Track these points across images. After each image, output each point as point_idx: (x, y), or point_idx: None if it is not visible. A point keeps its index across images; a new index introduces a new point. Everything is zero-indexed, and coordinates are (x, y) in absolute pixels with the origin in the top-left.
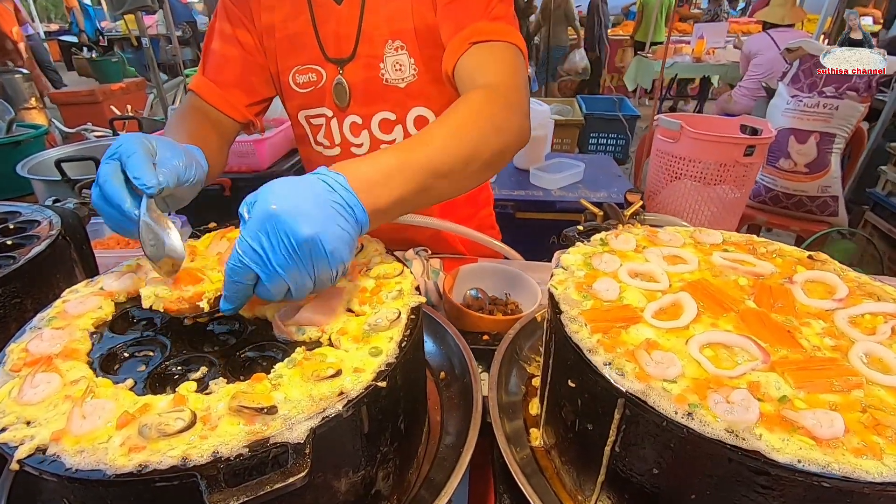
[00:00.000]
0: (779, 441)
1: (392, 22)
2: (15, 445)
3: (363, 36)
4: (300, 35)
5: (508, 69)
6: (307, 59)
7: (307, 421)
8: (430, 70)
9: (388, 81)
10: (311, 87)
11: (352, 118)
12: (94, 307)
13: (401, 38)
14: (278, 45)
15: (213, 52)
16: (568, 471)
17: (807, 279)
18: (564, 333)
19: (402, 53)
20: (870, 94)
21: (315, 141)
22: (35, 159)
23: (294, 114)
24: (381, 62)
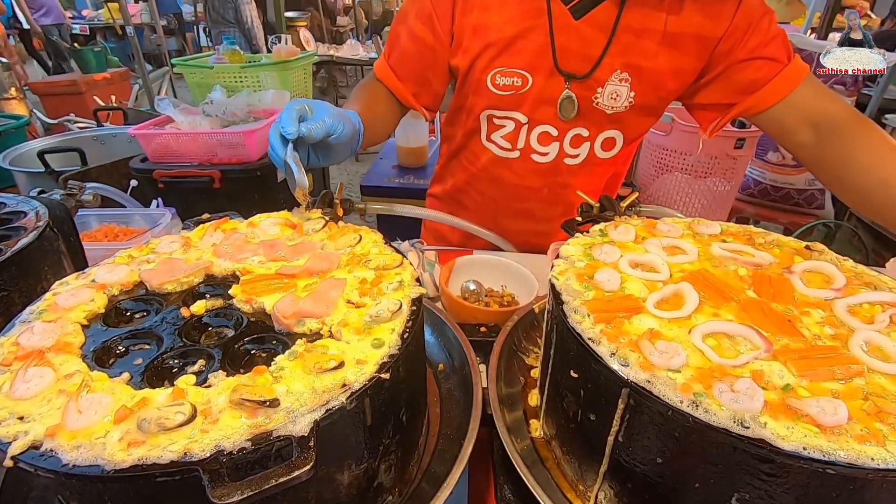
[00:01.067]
0: (784, 429)
1: (629, 55)
2: (8, 441)
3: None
4: (524, 39)
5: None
6: (521, 64)
7: (310, 413)
8: (644, 102)
9: (598, 105)
10: (512, 91)
11: (544, 128)
12: (87, 300)
13: (629, 72)
14: (490, 44)
15: (399, 42)
16: (569, 461)
17: (805, 269)
18: (567, 324)
19: (625, 85)
20: (856, 88)
21: (488, 138)
22: (17, 150)
23: (476, 111)
24: (601, 87)
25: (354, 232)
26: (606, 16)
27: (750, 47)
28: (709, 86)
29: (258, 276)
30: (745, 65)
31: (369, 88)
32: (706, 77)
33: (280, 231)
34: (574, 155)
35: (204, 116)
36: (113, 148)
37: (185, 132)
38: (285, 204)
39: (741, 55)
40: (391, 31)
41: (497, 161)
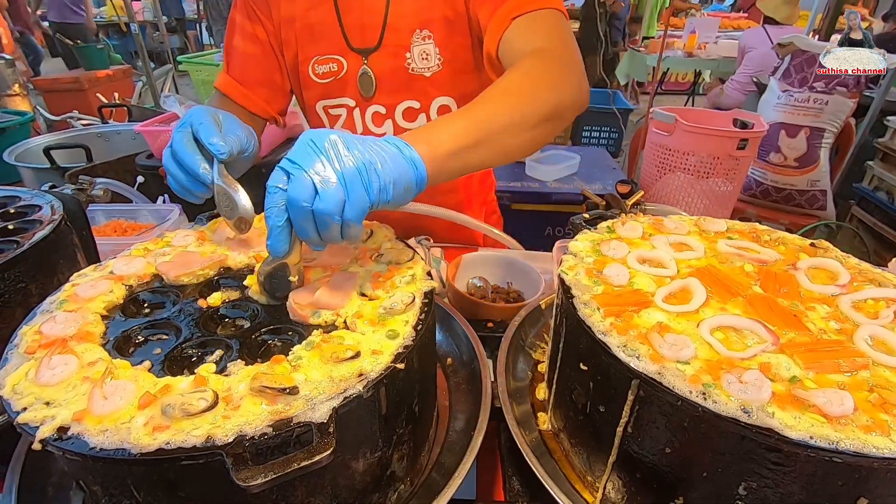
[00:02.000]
0: (791, 419)
1: (420, 11)
2: (36, 425)
3: (389, 25)
4: (322, 24)
5: (554, 32)
6: (329, 49)
7: (329, 401)
8: (455, 60)
9: (413, 71)
10: (332, 77)
11: (375, 108)
12: (106, 291)
13: (428, 28)
14: (298, 35)
15: (236, 50)
16: (577, 452)
17: (810, 266)
18: (577, 317)
19: (429, 43)
20: (859, 89)
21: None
22: (22, 146)
23: (311, 105)
24: (408, 52)
25: (366, 227)
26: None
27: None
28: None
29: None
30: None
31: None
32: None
33: None
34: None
35: None
36: (117, 145)
37: None
38: None
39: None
40: (225, 46)
41: None
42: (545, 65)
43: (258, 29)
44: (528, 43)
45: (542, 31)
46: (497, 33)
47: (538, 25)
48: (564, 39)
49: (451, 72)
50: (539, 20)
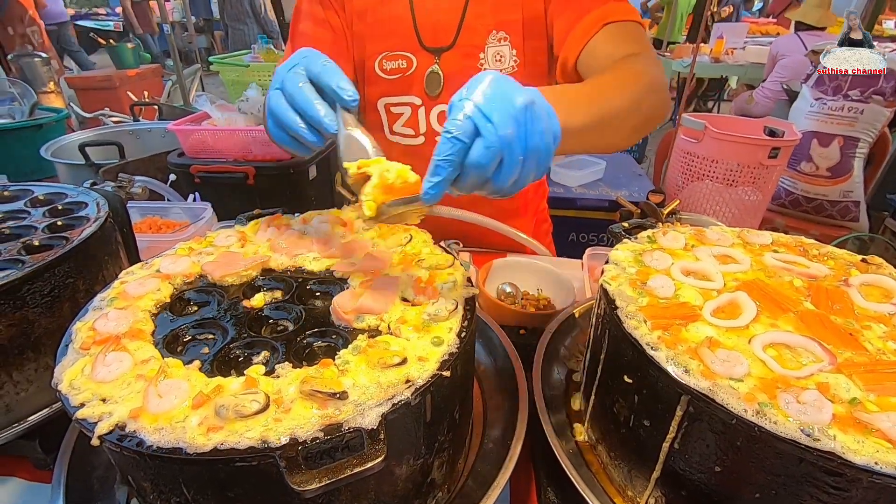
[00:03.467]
0: (854, 442)
1: (498, 12)
2: (94, 422)
3: (465, 25)
4: (394, 20)
5: (645, 43)
6: (399, 46)
7: (378, 407)
8: (529, 63)
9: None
10: (400, 74)
11: (441, 107)
12: (154, 289)
13: (505, 30)
14: (369, 29)
15: (304, 35)
16: (617, 466)
17: (862, 282)
18: (622, 329)
19: (505, 45)
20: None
21: (391, 130)
22: (58, 143)
23: (373, 101)
24: (482, 52)
25: (405, 231)
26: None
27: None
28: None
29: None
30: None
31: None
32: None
33: (331, 228)
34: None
35: (239, 114)
36: (148, 142)
37: (221, 129)
38: (315, 202)
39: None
40: (291, 33)
41: (407, 152)
42: (649, 68)
43: (331, 15)
44: (621, 49)
45: (633, 40)
46: (582, 40)
47: (629, 34)
48: (652, 50)
49: (524, 74)
50: (630, 30)
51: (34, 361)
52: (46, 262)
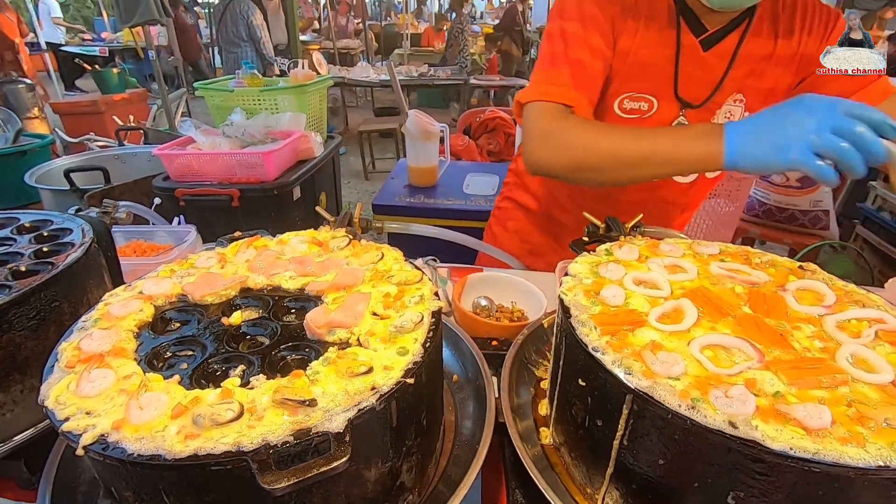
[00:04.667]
0: (773, 431)
1: (745, 78)
2: (79, 433)
3: (722, 87)
4: (656, 67)
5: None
6: (648, 89)
7: (345, 413)
8: None
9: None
10: (638, 115)
11: None
12: (136, 309)
13: (744, 93)
14: (624, 68)
15: (582, 64)
16: (577, 466)
17: (798, 287)
18: (575, 336)
19: (738, 106)
20: None
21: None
22: (43, 168)
23: None
24: (718, 108)
25: (377, 249)
26: (729, 45)
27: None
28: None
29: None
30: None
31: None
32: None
33: (308, 248)
34: (688, 182)
35: (224, 137)
36: (133, 166)
37: (206, 153)
38: (300, 222)
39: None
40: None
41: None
42: None
43: (608, 51)
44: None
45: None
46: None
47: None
48: None
49: None
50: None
51: (20, 383)
52: (33, 286)
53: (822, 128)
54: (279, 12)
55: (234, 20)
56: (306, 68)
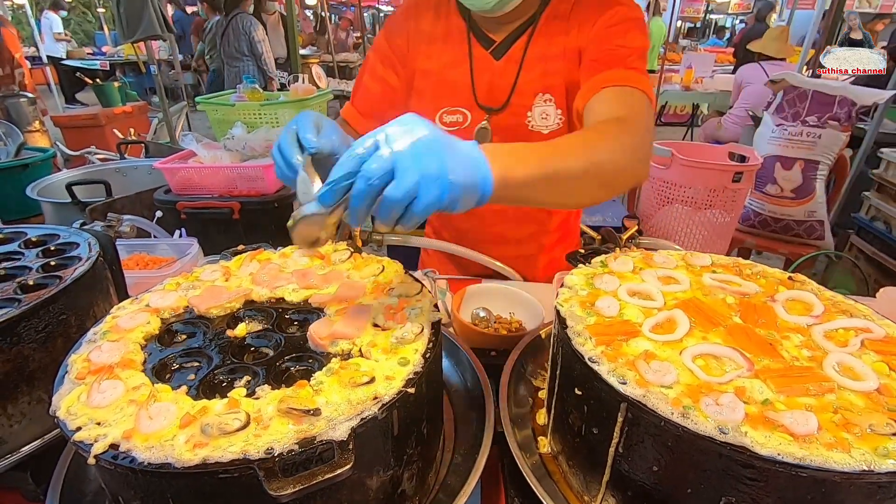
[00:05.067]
0: (762, 437)
1: (544, 77)
2: (90, 443)
3: (517, 89)
4: (457, 82)
5: (637, 110)
6: (458, 103)
7: (348, 422)
8: (572, 119)
9: (533, 128)
10: (457, 126)
11: None
12: (143, 322)
13: (550, 93)
14: (433, 87)
15: (363, 86)
16: (575, 474)
17: (787, 298)
18: (571, 346)
19: (550, 105)
20: (850, 123)
21: None
22: (45, 182)
23: None
24: (530, 111)
25: (377, 262)
26: (518, 51)
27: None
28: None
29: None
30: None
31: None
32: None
33: (310, 261)
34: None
35: (225, 151)
36: (134, 179)
37: (207, 166)
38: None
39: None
40: (356, 81)
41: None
42: (621, 134)
43: (389, 74)
44: (611, 111)
45: (626, 105)
46: (587, 95)
47: (624, 99)
48: (643, 118)
49: (567, 130)
50: (626, 95)
51: (28, 395)
52: (42, 300)
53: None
54: (279, 26)
55: (237, 36)
56: (306, 82)
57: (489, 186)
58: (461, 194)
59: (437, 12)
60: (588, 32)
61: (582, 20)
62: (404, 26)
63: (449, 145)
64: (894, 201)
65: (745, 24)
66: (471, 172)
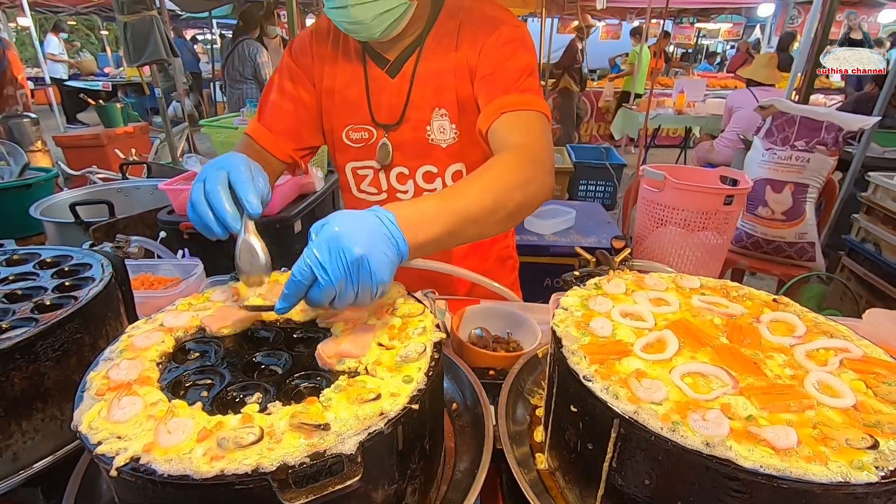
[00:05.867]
0: (745, 451)
1: (438, 94)
2: (112, 456)
3: (411, 105)
4: (356, 101)
5: (534, 133)
6: (360, 121)
7: (356, 436)
8: (467, 133)
9: (433, 141)
10: (363, 143)
11: (399, 169)
12: (158, 341)
13: (444, 107)
14: (336, 106)
15: (271, 103)
16: (571, 489)
17: (771, 319)
18: (567, 365)
19: (445, 119)
20: (837, 147)
21: (359, 189)
22: (48, 201)
23: (343, 165)
24: (428, 125)
25: None
26: (409, 69)
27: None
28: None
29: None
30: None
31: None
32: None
33: None
34: (431, 189)
35: None
36: (137, 199)
37: None
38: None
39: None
40: (261, 101)
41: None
42: (521, 162)
43: (301, 91)
44: (511, 137)
45: (524, 130)
46: (488, 120)
47: (522, 123)
48: (542, 140)
49: (464, 143)
50: (524, 119)
51: (42, 412)
52: (58, 319)
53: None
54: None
55: (242, 60)
56: None
57: (406, 254)
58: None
59: (335, 35)
60: (477, 52)
61: (470, 39)
62: (308, 48)
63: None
64: (883, 223)
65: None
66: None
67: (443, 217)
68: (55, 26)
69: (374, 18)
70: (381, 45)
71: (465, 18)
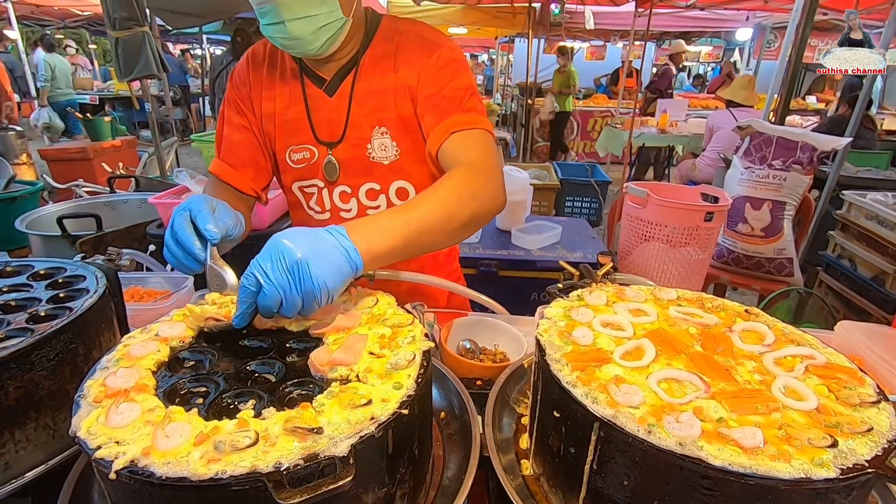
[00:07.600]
0: (715, 450)
1: (377, 112)
2: (111, 460)
3: (351, 123)
4: (296, 121)
5: (482, 150)
6: (302, 141)
7: (348, 439)
8: (409, 151)
9: (374, 159)
10: (305, 163)
11: (341, 188)
12: (154, 350)
13: (385, 126)
14: (277, 128)
15: (225, 139)
16: (555, 493)
17: (743, 329)
18: (550, 372)
19: (387, 137)
20: (812, 167)
21: (308, 206)
22: (33, 215)
23: (289, 185)
24: (369, 143)
25: (371, 295)
26: (347, 87)
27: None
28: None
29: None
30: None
31: (217, 192)
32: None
33: None
34: (375, 206)
35: None
36: (124, 213)
37: None
38: None
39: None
40: (216, 134)
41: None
42: (472, 177)
43: (245, 120)
44: (461, 155)
45: (473, 147)
46: (437, 141)
47: (470, 141)
48: (490, 155)
49: (406, 161)
50: (471, 138)
51: (35, 421)
52: (54, 329)
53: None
54: None
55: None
56: None
57: (360, 266)
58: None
59: (272, 58)
60: (417, 73)
61: (409, 61)
62: (246, 76)
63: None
64: (857, 240)
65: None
66: (341, 265)
67: (397, 228)
68: (43, 41)
69: (312, 34)
70: (316, 64)
71: (401, 41)
